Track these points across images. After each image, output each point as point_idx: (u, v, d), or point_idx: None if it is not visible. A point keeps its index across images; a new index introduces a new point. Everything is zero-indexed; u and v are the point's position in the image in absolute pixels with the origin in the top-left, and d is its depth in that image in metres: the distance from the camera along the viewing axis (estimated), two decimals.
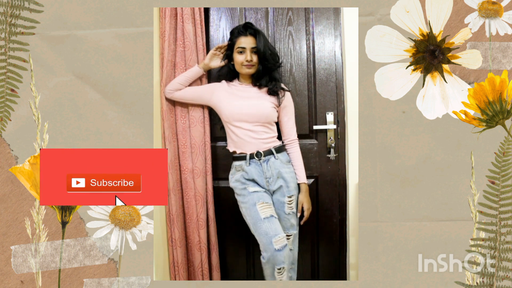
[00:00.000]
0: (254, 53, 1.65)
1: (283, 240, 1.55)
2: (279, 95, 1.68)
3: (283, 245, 1.54)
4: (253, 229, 1.61)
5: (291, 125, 1.74)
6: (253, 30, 1.66)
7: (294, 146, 1.73)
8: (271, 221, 1.57)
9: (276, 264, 1.53)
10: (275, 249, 1.53)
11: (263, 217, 1.57)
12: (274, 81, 1.69)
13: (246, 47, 1.64)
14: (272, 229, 1.56)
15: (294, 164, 1.72)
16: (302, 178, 1.71)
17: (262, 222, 1.57)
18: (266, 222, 1.57)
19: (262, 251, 1.58)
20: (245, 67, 1.65)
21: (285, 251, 1.55)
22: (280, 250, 1.53)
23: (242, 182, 1.66)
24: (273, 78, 1.70)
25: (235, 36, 1.67)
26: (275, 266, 1.54)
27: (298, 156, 1.73)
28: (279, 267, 1.54)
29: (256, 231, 1.60)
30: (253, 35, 1.65)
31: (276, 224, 1.58)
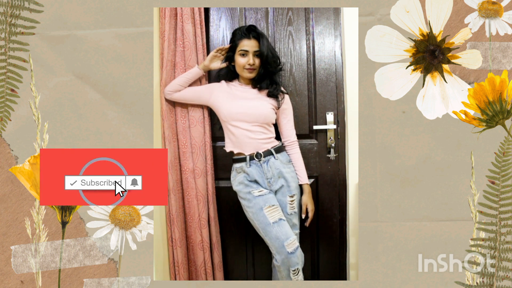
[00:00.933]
0: (257, 56, 1.64)
1: (295, 243, 1.57)
2: (278, 98, 1.68)
3: (295, 248, 1.56)
4: (263, 233, 1.61)
5: (290, 126, 1.75)
6: (256, 34, 1.65)
7: (294, 147, 1.73)
8: (280, 224, 1.58)
9: (291, 266, 1.56)
10: (288, 252, 1.54)
11: (272, 222, 1.58)
12: (275, 84, 1.69)
13: (249, 50, 1.64)
14: (283, 233, 1.57)
15: (295, 165, 1.72)
16: (304, 179, 1.71)
17: (271, 227, 1.57)
18: (276, 227, 1.57)
19: (275, 254, 1.59)
20: (247, 71, 1.65)
21: (298, 252, 1.57)
22: (293, 252, 1.55)
23: (245, 185, 1.66)
24: (274, 81, 1.70)
25: (238, 38, 1.66)
26: (290, 268, 1.56)
27: (299, 157, 1.73)
28: (294, 269, 1.56)
29: (266, 235, 1.60)
30: (256, 39, 1.65)
31: (286, 227, 1.59)
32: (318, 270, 1.99)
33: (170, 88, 1.70)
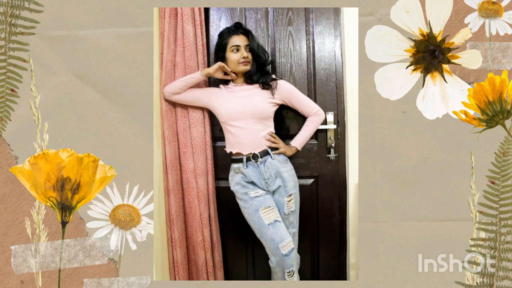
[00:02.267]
0: (248, 51, 1.67)
1: (289, 245, 1.57)
2: (272, 86, 1.68)
3: (290, 250, 1.56)
4: (259, 234, 1.62)
5: (306, 101, 1.74)
6: (244, 30, 1.69)
7: (312, 117, 1.73)
8: (275, 226, 1.58)
9: (286, 268, 1.56)
10: (282, 254, 1.55)
11: (267, 223, 1.58)
12: (265, 74, 1.70)
13: (241, 44, 1.66)
14: (278, 235, 1.57)
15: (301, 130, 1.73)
16: (295, 142, 1.72)
17: (267, 229, 1.58)
18: (271, 228, 1.58)
19: (270, 255, 1.60)
20: (242, 64, 1.66)
21: (293, 254, 1.57)
22: (288, 254, 1.55)
23: (242, 186, 1.66)
24: (264, 72, 1.71)
25: (227, 36, 1.68)
26: (284, 270, 1.57)
27: (310, 126, 1.73)
28: (289, 271, 1.57)
29: (261, 237, 1.61)
30: (245, 34, 1.68)
31: (281, 229, 1.59)
32: (318, 270, 1.99)
33: (170, 90, 1.69)
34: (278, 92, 1.68)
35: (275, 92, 1.68)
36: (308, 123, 1.74)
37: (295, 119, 1.88)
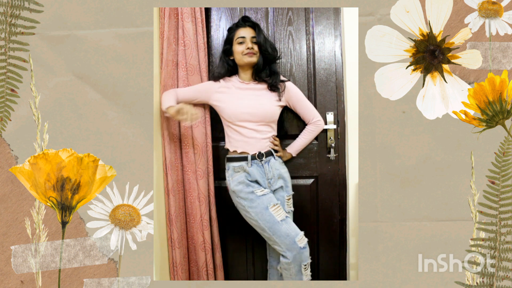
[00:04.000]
0: (254, 43, 1.66)
1: (304, 238, 1.58)
2: (279, 89, 1.68)
3: (306, 243, 1.58)
4: (270, 232, 1.59)
5: (309, 107, 1.76)
6: (251, 22, 1.68)
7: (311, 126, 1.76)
8: (288, 222, 1.59)
9: (303, 261, 1.57)
10: (300, 247, 1.55)
11: (280, 220, 1.58)
12: (274, 74, 1.70)
13: (246, 36, 1.66)
14: (292, 229, 1.58)
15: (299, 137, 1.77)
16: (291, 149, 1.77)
17: (280, 225, 1.57)
18: (284, 224, 1.58)
19: (285, 251, 1.57)
20: (247, 56, 1.65)
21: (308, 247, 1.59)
22: (305, 247, 1.57)
23: (247, 184, 1.64)
24: (273, 71, 1.70)
25: (234, 30, 1.69)
26: (301, 263, 1.57)
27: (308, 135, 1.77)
28: (305, 263, 1.57)
29: (274, 233, 1.58)
30: (252, 27, 1.68)
31: (294, 224, 1.61)
32: (318, 270, 1.99)
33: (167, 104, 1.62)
34: (285, 95, 1.69)
35: (282, 95, 1.68)
36: (305, 132, 1.77)
37: (294, 120, 1.88)
